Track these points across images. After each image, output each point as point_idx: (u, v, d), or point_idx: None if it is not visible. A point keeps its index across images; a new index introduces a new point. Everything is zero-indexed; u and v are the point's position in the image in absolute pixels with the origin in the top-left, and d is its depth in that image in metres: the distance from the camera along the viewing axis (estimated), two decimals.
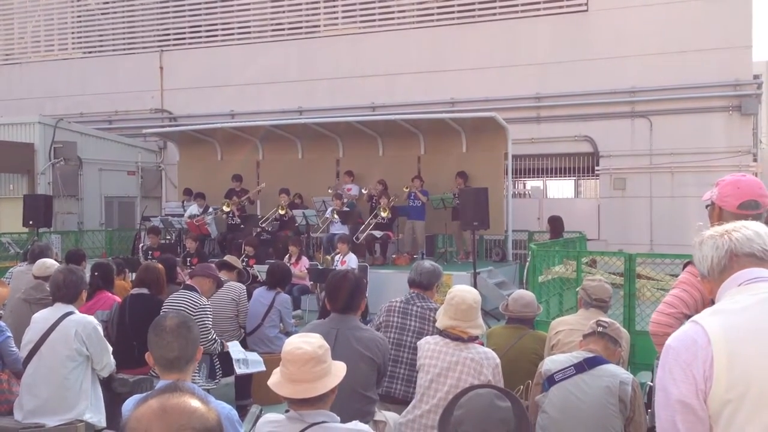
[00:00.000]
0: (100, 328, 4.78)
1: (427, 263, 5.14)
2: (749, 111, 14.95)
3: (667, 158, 15.44)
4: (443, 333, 4.07)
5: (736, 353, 1.82)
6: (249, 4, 19.27)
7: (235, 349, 6.33)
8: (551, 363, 3.90)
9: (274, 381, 2.88)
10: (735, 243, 2.07)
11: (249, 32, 19.33)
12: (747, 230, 2.09)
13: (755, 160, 14.92)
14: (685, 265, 3.21)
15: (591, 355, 3.83)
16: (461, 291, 4.07)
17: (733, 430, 1.80)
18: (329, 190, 14.21)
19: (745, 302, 1.91)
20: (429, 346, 4.07)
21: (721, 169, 13.50)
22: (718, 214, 3.08)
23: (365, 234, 12.86)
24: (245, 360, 6.29)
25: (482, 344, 4.21)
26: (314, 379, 2.82)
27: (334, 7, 18.50)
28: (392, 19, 17.90)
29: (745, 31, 14.92)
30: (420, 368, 4.06)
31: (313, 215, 13.54)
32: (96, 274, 6.37)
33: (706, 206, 3.17)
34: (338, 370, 2.95)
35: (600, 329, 3.96)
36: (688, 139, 15.17)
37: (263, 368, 6.28)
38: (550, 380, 3.80)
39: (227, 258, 7.87)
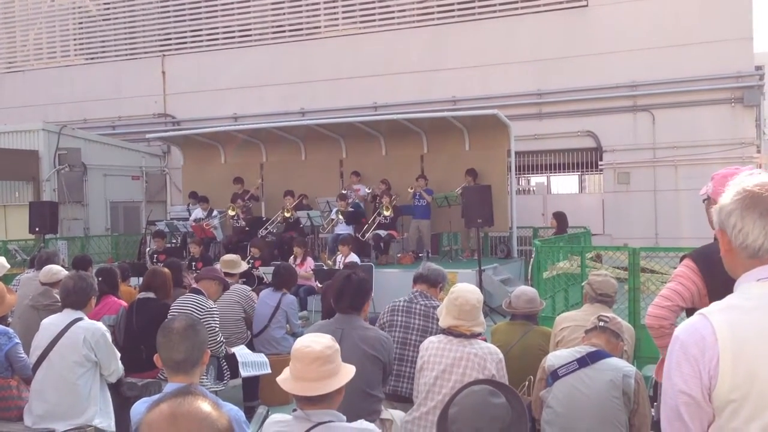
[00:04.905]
0: (108, 335, 4.81)
1: (435, 265, 5.28)
2: (752, 102, 14.92)
3: (670, 151, 15.40)
4: (446, 331, 4.10)
5: (741, 354, 1.81)
6: (249, 6, 19.29)
7: (240, 352, 6.37)
8: (554, 358, 3.94)
9: (283, 377, 2.94)
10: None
11: (250, 35, 19.36)
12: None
13: (759, 152, 14.90)
14: (682, 258, 3.23)
15: (593, 349, 3.86)
16: (465, 291, 4.08)
17: (733, 425, 1.82)
18: (343, 191, 14.16)
19: (758, 301, 1.91)
20: (432, 344, 4.09)
21: (725, 161, 13.47)
22: None
23: (370, 233, 12.90)
24: (251, 362, 6.32)
25: (485, 340, 4.24)
26: (319, 379, 2.86)
27: (334, 7, 18.51)
28: (392, 18, 17.91)
29: (746, 22, 14.87)
30: (423, 367, 4.07)
31: (317, 216, 13.59)
32: (100, 279, 6.32)
33: (703, 201, 3.19)
34: (347, 372, 2.98)
35: (601, 324, 4.00)
36: (691, 132, 15.12)
37: (268, 370, 6.31)
38: (554, 375, 3.84)
39: (222, 261, 7.76)
